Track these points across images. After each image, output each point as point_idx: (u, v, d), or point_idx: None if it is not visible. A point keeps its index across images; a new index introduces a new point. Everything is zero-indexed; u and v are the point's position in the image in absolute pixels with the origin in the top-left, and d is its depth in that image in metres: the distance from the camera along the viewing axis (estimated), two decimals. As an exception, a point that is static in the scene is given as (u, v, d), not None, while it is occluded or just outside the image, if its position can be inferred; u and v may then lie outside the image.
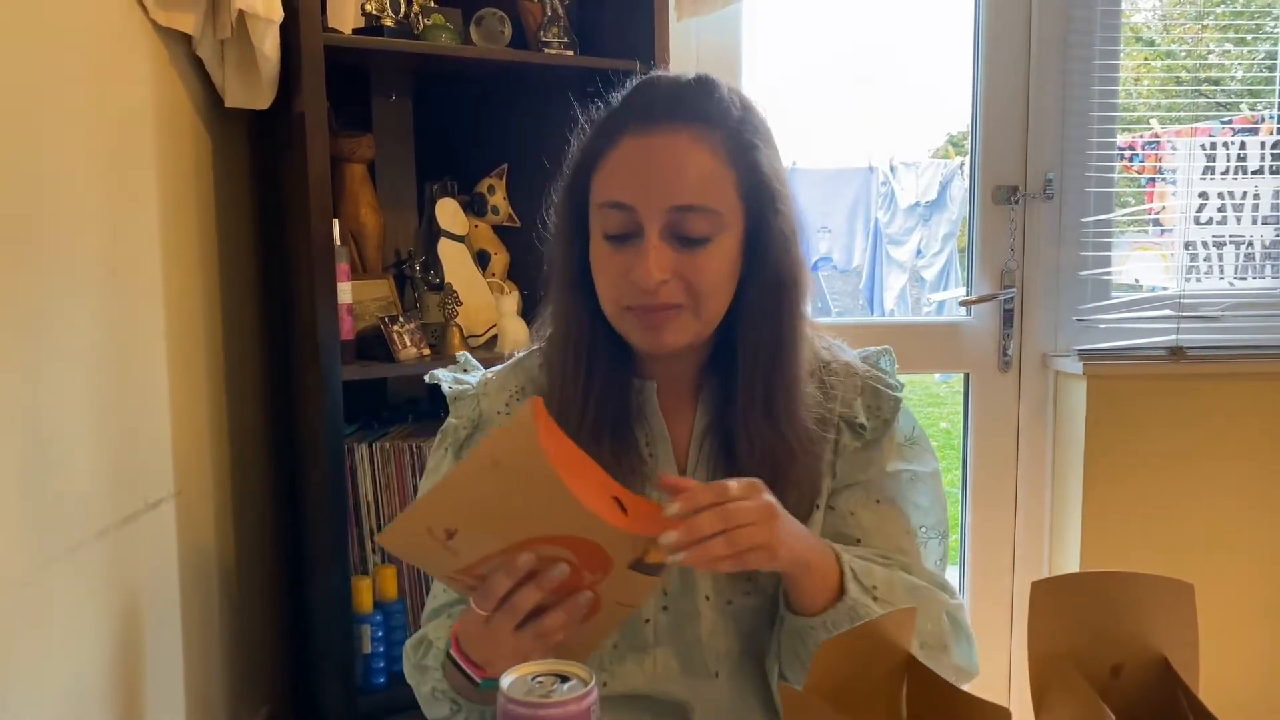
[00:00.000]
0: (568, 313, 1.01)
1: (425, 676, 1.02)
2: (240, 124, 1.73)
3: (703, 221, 0.93)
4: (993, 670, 2.28)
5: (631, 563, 0.81)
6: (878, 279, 6.09)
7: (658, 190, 0.92)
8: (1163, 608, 0.73)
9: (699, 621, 1.00)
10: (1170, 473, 2.18)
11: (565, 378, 1.00)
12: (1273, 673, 2.23)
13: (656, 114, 0.94)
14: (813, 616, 0.92)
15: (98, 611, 1.22)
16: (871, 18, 5.12)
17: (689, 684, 1.01)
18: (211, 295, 1.63)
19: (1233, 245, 2.24)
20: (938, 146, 6.30)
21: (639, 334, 0.96)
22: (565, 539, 0.80)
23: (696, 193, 0.92)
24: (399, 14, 1.69)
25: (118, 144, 1.32)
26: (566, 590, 0.83)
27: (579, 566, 0.82)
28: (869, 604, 0.91)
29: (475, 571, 0.83)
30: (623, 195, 0.93)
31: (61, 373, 1.14)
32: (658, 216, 0.92)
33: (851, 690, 0.71)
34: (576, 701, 0.69)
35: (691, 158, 0.93)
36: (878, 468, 1.02)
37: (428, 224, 1.88)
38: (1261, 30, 2.33)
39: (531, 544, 0.81)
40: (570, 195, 1.00)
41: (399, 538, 0.84)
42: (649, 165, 0.93)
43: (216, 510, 1.63)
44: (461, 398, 1.07)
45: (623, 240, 0.94)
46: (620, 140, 0.95)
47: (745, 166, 0.95)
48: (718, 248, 0.94)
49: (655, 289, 0.92)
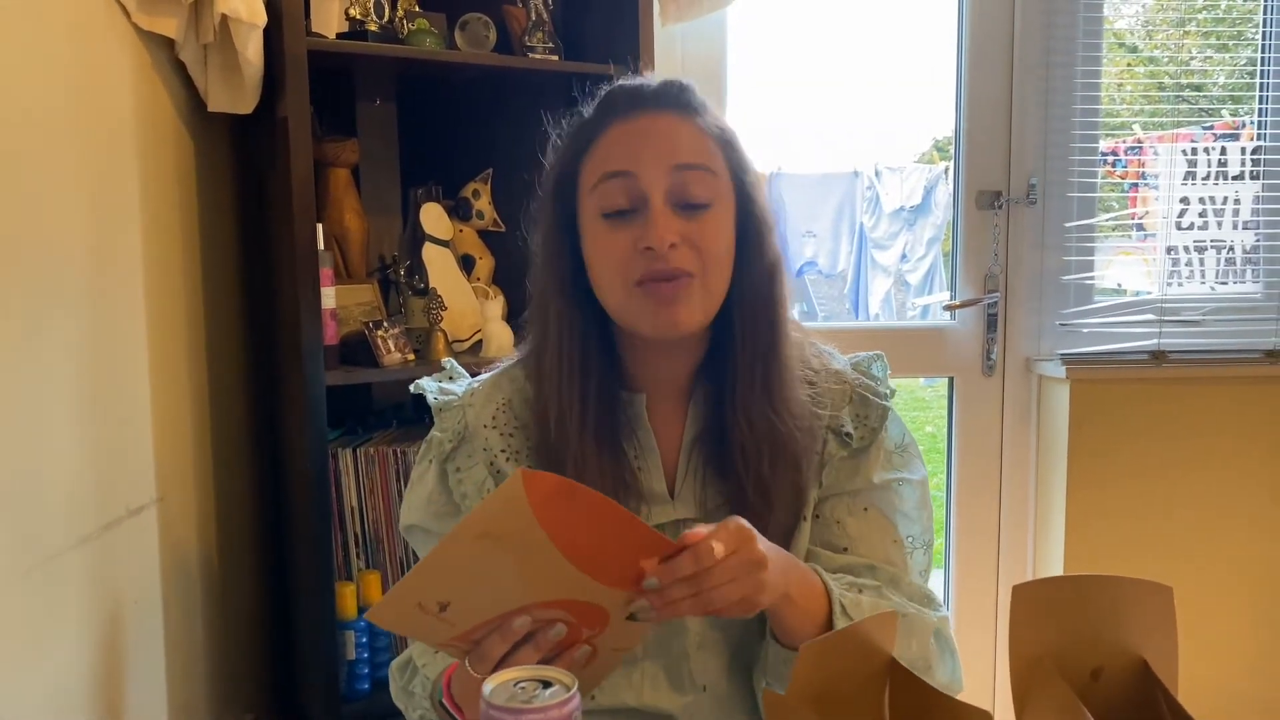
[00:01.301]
0: (559, 321, 0.99)
1: (413, 702, 1.01)
2: (223, 128, 1.73)
3: (705, 182, 0.95)
4: (977, 673, 2.29)
5: (627, 615, 0.81)
6: (863, 283, 6.10)
7: (658, 153, 0.94)
8: (1142, 610, 0.74)
9: (686, 635, 1.00)
10: (1153, 476, 2.20)
11: (558, 391, 0.98)
12: (1252, 674, 2.25)
13: (639, 102, 0.97)
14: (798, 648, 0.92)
15: (79, 619, 1.21)
16: (856, 24, 5.14)
17: (676, 698, 1.01)
18: (194, 300, 1.62)
19: (1214, 250, 2.25)
20: (922, 152, 6.33)
21: (650, 314, 0.94)
22: (561, 602, 0.80)
23: (696, 152, 0.95)
24: (383, 18, 1.68)
25: (99, 149, 1.31)
26: (563, 647, 0.82)
27: (576, 625, 0.81)
28: None
29: (470, 637, 0.82)
30: (622, 163, 0.94)
31: (42, 379, 1.13)
32: (661, 178, 0.93)
33: (834, 694, 0.71)
34: (558, 707, 0.69)
35: (683, 128, 0.96)
36: (864, 476, 1.02)
37: (412, 229, 1.87)
38: (1242, 37, 2.34)
39: (527, 609, 0.80)
40: (555, 198, 1.00)
41: (390, 612, 0.81)
42: (643, 135, 0.95)
43: (199, 517, 1.62)
44: (446, 409, 1.06)
45: (623, 215, 0.94)
46: (607, 128, 0.97)
47: (727, 147, 0.98)
48: (717, 216, 0.96)
49: (667, 252, 0.92)
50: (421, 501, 1.05)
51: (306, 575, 1.62)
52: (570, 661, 0.82)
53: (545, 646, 0.80)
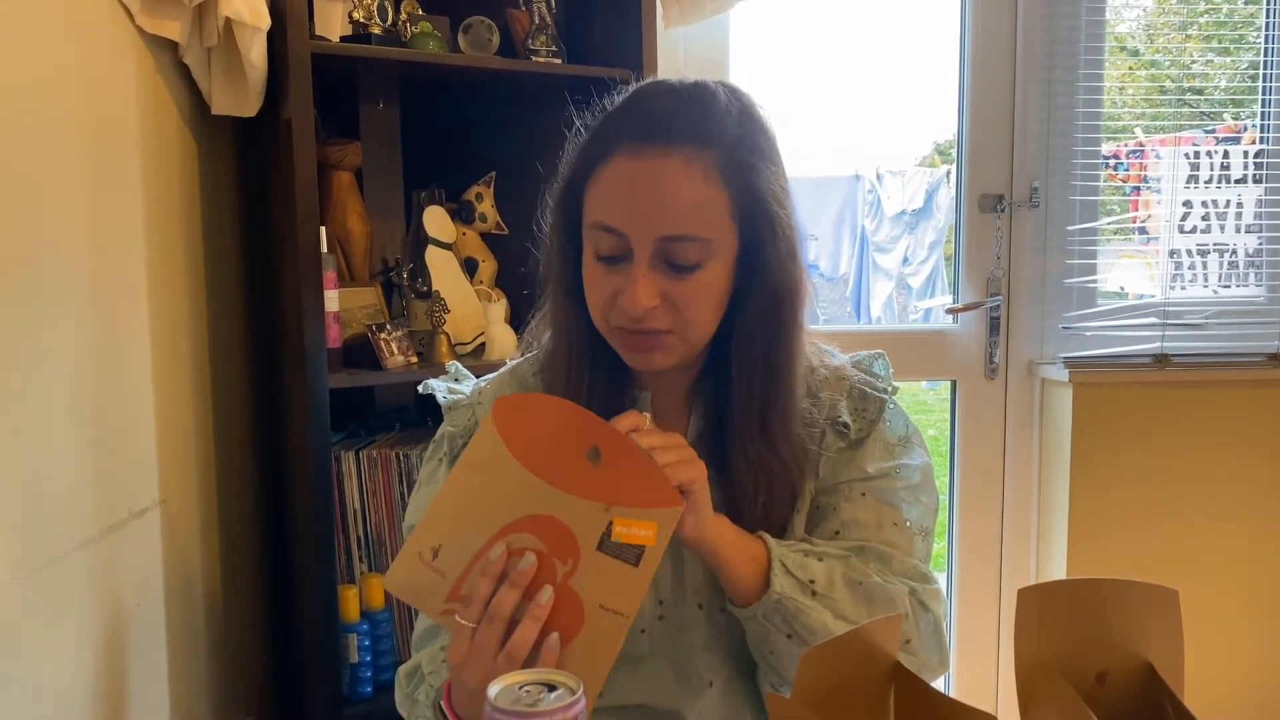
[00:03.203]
0: (565, 321, 1.01)
1: (415, 709, 1.01)
2: (226, 131, 1.73)
3: (693, 250, 0.92)
4: (980, 677, 2.28)
5: (599, 542, 0.82)
6: (864, 287, 6.11)
7: (647, 218, 0.91)
8: (1148, 614, 0.73)
9: (693, 630, 1.00)
10: (1156, 479, 2.19)
11: (566, 388, 1.00)
12: (1258, 678, 2.24)
13: (651, 132, 0.92)
14: (744, 608, 0.93)
15: (82, 621, 1.21)
16: (859, 27, 5.14)
17: (683, 694, 1.01)
18: (197, 303, 1.62)
19: (1216, 253, 2.25)
20: (924, 155, 6.33)
21: (627, 355, 0.98)
22: (529, 520, 0.82)
23: (687, 222, 0.91)
24: (386, 22, 1.69)
25: (103, 151, 1.31)
26: (539, 588, 0.82)
27: (548, 554, 0.82)
28: (800, 599, 0.91)
29: (459, 592, 0.83)
30: (614, 220, 0.92)
31: (45, 381, 1.13)
32: (647, 244, 0.91)
33: (838, 698, 0.71)
34: (564, 710, 0.69)
35: (683, 185, 0.91)
36: (860, 466, 1.01)
37: (415, 232, 1.87)
38: (1244, 40, 2.34)
39: (503, 534, 0.82)
40: (564, 206, 1.00)
41: (400, 572, 0.85)
42: (640, 191, 0.91)
43: (202, 519, 1.62)
44: (456, 407, 1.07)
45: (613, 262, 0.94)
46: (612, 158, 0.93)
47: (740, 188, 0.93)
48: (707, 274, 0.93)
49: (642, 315, 0.92)
50: (429, 499, 1.05)
51: (309, 578, 1.62)
52: (539, 608, 0.80)
53: (520, 582, 0.81)
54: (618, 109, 0.98)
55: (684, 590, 1.00)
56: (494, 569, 0.81)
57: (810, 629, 0.91)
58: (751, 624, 0.93)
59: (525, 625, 0.80)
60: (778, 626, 0.92)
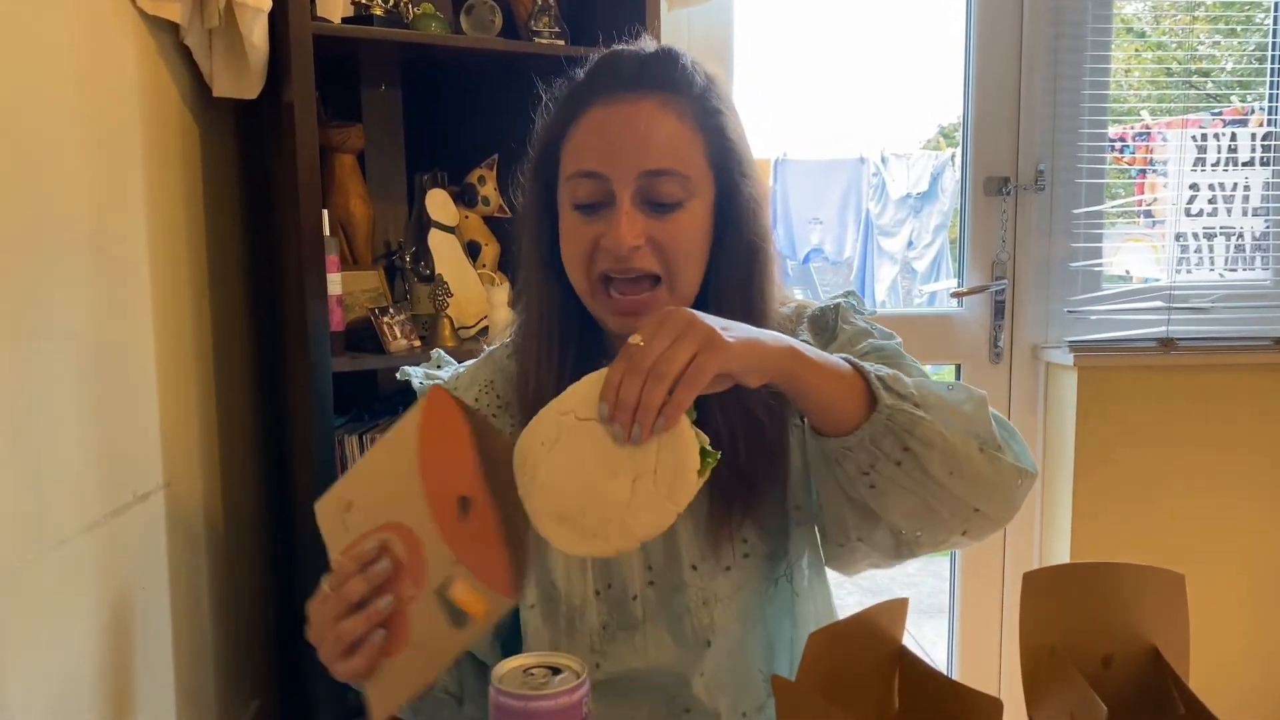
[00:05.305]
0: (538, 294, 1.01)
1: None
2: (228, 114, 1.72)
3: (674, 186, 0.93)
4: (984, 660, 2.29)
5: (440, 587, 0.76)
6: (869, 270, 6.09)
7: (628, 156, 0.92)
8: (1153, 598, 0.73)
9: (686, 591, 1.00)
10: (1160, 463, 2.19)
11: (537, 364, 0.99)
12: (1263, 662, 2.25)
13: (622, 82, 0.95)
14: (846, 435, 0.84)
15: (87, 605, 1.21)
16: (863, 8, 5.11)
17: (682, 656, 1.00)
18: (200, 286, 1.62)
19: (1223, 237, 2.24)
20: (929, 138, 6.29)
21: (614, 319, 0.97)
22: (406, 531, 0.78)
23: (667, 156, 0.93)
24: (388, 3, 1.68)
25: (104, 134, 1.30)
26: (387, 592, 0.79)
27: (405, 571, 0.78)
28: (911, 410, 0.83)
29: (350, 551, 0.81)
30: (593, 163, 0.93)
31: (48, 365, 1.13)
32: (629, 182, 0.92)
33: (844, 681, 0.71)
34: (569, 693, 0.69)
35: (660, 122, 0.93)
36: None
37: (418, 215, 1.87)
38: (1251, 22, 2.33)
39: (386, 529, 0.79)
40: (539, 171, 1.00)
41: (325, 507, 0.82)
42: (618, 132, 0.93)
43: (206, 503, 1.62)
44: None
45: (594, 209, 0.94)
46: (587, 110, 0.95)
47: (712, 132, 0.96)
48: (689, 213, 0.94)
49: (628, 254, 0.92)
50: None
51: (313, 561, 1.62)
52: (374, 612, 0.77)
53: (373, 580, 0.77)
54: (586, 73, 1.00)
55: (675, 555, 1.00)
56: (363, 558, 0.78)
57: (927, 441, 0.82)
58: (857, 454, 0.84)
59: (357, 619, 0.77)
60: (887, 451, 0.83)
